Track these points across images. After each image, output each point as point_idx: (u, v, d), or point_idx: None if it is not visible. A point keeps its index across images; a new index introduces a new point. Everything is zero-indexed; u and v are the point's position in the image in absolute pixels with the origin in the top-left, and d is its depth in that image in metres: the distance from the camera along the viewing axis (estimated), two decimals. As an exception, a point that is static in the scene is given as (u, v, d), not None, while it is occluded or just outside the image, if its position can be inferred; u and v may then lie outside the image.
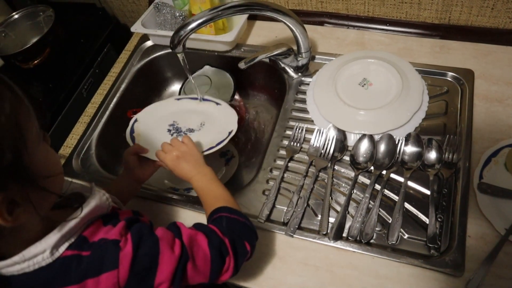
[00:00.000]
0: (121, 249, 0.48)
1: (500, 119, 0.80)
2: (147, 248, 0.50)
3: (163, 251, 0.50)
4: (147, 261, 0.49)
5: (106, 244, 0.48)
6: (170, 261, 0.50)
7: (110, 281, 0.46)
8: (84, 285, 0.46)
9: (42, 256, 0.45)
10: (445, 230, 0.69)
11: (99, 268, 0.46)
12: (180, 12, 1.07)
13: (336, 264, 0.69)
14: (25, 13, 1.25)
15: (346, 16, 1.04)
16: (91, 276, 0.46)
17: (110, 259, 0.47)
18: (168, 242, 0.52)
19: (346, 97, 0.85)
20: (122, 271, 0.47)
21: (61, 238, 0.46)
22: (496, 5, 0.88)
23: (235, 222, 0.60)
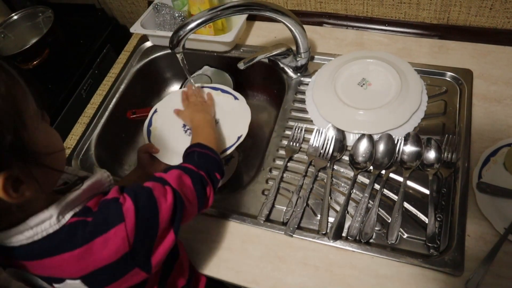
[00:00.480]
0: (123, 204, 0.49)
1: (498, 119, 0.80)
2: (145, 200, 0.51)
3: (159, 199, 0.52)
4: (148, 211, 0.51)
5: (107, 203, 0.50)
6: (166, 207, 0.53)
7: (120, 235, 0.47)
8: (93, 245, 0.46)
9: (49, 222, 0.46)
10: (444, 229, 0.69)
11: (105, 225, 0.47)
12: (179, 12, 1.07)
13: (335, 264, 0.69)
14: (25, 14, 1.25)
15: (345, 16, 1.04)
16: (99, 235, 0.47)
17: (115, 214, 0.48)
18: (160, 190, 0.54)
19: (345, 97, 0.85)
20: (129, 223, 0.48)
21: (65, 206, 0.47)
22: (494, 5, 0.88)
23: (205, 156, 0.67)
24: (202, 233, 0.76)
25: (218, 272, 0.71)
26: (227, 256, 0.73)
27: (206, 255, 0.73)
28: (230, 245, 0.74)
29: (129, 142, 1.08)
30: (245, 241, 0.74)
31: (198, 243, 0.75)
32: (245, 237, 0.74)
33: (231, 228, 0.76)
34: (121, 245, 0.47)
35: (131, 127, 1.08)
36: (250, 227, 0.75)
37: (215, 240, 0.75)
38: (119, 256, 0.47)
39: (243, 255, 0.72)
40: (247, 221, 0.75)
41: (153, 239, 0.51)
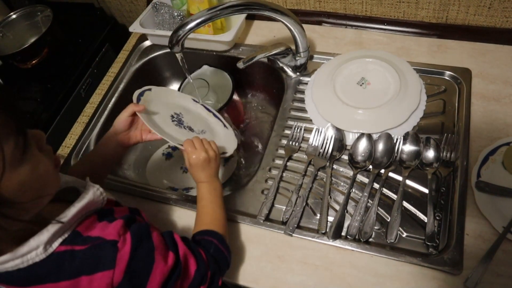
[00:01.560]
0: (119, 250, 0.48)
1: (497, 118, 0.80)
2: (144, 253, 0.50)
3: (158, 260, 0.51)
4: (142, 266, 0.49)
5: (104, 244, 0.48)
6: (162, 272, 0.51)
7: (104, 281, 0.46)
8: (78, 282, 0.46)
9: (36, 252, 0.44)
10: (443, 228, 0.69)
11: (94, 266, 0.46)
12: (178, 12, 1.07)
13: (335, 263, 0.69)
14: (23, 13, 1.25)
15: (344, 15, 1.04)
16: (85, 274, 0.46)
17: (107, 259, 0.47)
18: (161, 253, 0.52)
19: (344, 96, 0.85)
20: (117, 271, 0.47)
21: (54, 234, 0.45)
22: (493, 5, 0.89)
23: (221, 255, 0.62)
24: (201, 233, 0.76)
25: (218, 271, 0.71)
26: (227, 256, 0.73)
27: (206, 255, 0.73)
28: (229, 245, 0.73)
29: (129, 142, 1.08)
30: (244, 240, 0.74)
31: (198, 243, 0.75)
32: (244, 236, 0.74)
33: (231, 228, 0.76)
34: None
35: (130, 127, 1.08)
36: (250, 226, 0.75)
37: (215, 240, 0.75)
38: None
39: (243, 255, 0.72)
40: (247, 221, 0.75)
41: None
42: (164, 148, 1.05)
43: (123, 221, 0.51)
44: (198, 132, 0.84)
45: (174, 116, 0.85)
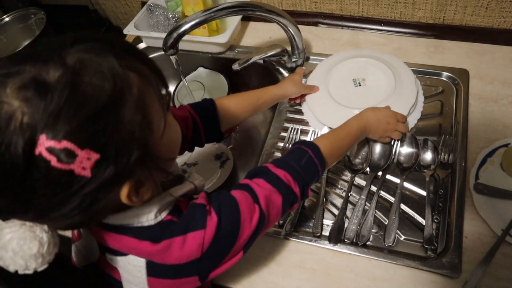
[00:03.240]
0: (208, 213, 0.49)
1: (495, 119, 0.80)
2: (229, 215, 0.50)
3: (244, 218, 0.51)
4: (229, 228, 0.50)
5: (195, 206, 0.50)
6: (249, 230, 0.51)
7: (196, 241, 0.47)
8: (172, 242, 0.47)
9: (147, 217, 0.47)
10: (441, 231, 0.69)
11: (187, 226, 0.48)
12: (173, 13, 1.06)
13: (332, 267, 0.68)
14: (16, 16, 1.23)
15: (340, 16, 1.03)
16: (180, 234, 0.47)
17: (199, 219, 0.48)
18: (249, 207, 0.52)
19: (338, 97, 0.84)
20: (208, 233, 0.48)
21: (164, 206, 0.48)
22: (490, 5, 0.88)
23: (311, 166, 0.60)
24: (197, 237, 0.75)
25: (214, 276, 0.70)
26: (223, 260, 0.72)
27: (202, 259, 0.72)
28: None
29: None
30: (241, 244, 0.73)
31: (193, 247, 0.74)
32: (241, 240, 0.73)
33: (227, 232, 0.75)
34: (194, 250, 0.47)
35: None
36: (246, 230, 0.74)
37: (211, 244, 0.74)
38: (189, 260, 0.47)
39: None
40: (243, 225, 0.75)
41: (225, 255, 0.50)
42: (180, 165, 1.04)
43: (205, 193, 0.53)
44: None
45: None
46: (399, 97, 0.81)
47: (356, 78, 0.87)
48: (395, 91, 0.81)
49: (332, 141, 0.65)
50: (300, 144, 0.62)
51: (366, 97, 0.83)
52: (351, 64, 0.89)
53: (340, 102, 0.83)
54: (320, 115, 0.84)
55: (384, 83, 0.84)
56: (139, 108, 0.39)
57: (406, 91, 0.82)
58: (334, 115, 0.83)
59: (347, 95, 0.85)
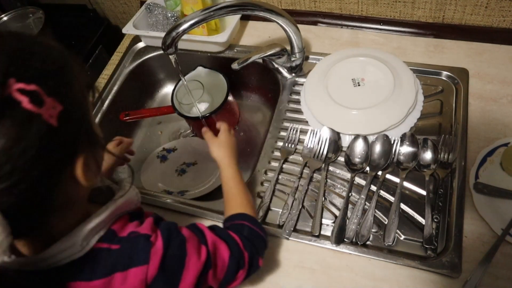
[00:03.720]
0: (152, 244, 0.47)
1: (495, 118, 0.79)
2: (176, 248, 0.49)
3: (190, 254, 0.49)
4: (175, 261, 0.48)
5: (138, 238, 0.47)
6: (196, 266, 0.49)
7: (138, 277, 0.45)
8: (112, 279, 0.45)
9: (72, 250, 0.44)
10: (441, 230, 0.68)
11: (128, 262, 0.46)
12: (172, 13, 1.06)
13: (332, 267, 0.68)
14: (15, 15, 1.23)
15: (340, 15, 1.03)
16: (119, 270, 0.45)
17: (141, 253, 0.46)
18: (194, 246, 0.51)
19: (337, 96, 0.84)
20: (151, 267, 0.46)
21: (90, 231, 0.45)
22: (489, 4, 0.88)
23: (255, 235, 0.60)
24: (197, 237, 0.75)
25: (213, 277, 0.70)
26: (222, 260, 0.72)
27: (201, 259, 0.72)
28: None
29: (123, 144, 1.06)
30: (240, 244, 0.73)
31: (193, 247, 0.74)
32: (240, 240, 0.73)
33: (226, 232, 0.75)
34: (137, 287, 0.45)
35: (124, 129, 1.07)
36: (246, 230, 0.74)
37: (210, 244, 0.74)
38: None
39: (239, 259, 0.71)
40: (243, 224, 0.74)
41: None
42: (159, 150, 1.04)
43: (152, 218, 0.51)
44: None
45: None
46: (398, 96, 0.81)
47: (355, 78, 0.86)
48: (394, 91, 0.81)
49: (245, 204, 0.65)
50: (231, 221, 0.62)
51: (365, 96, 0.83)
52: (350, 63, 0.89)
53: (339, 101, 0.83)
54: (319, 114, 0.84)
55: (383, 82, 0.84)
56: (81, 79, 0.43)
57: (405, 91, 0.82)
58: (333, 115, 0.83)
59: (346, 94, 0.84)
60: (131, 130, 1.09)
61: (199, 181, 0.96)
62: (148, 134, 1.11)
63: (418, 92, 0.84)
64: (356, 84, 0.86)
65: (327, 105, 0.84)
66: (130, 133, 1.08)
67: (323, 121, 0.83)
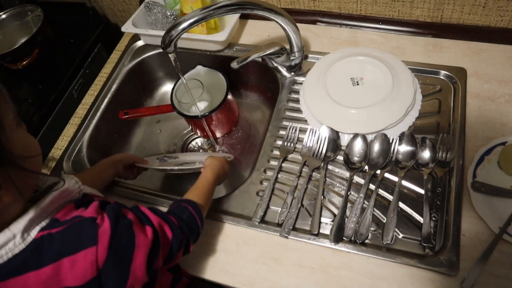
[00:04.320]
0: (99, 226, 0.46)
1: (493, 117, 0.80)
2: (124, 228, 0.49)
3: (138, 234, 0.50)
4: (124, 241, 0.48)
5: (83, 221, 0.47)
6: (145, 244, 0.50)
7: (88, 259, 0.45)
8: (60, 265, 0.44)
9: (14, 242, 0.43)
10: (439, 229, 0.69)
11: (75, 245, 0.45)
12: (171, 11, 1.06)
13: (331, 265, 0.68)
14: (13, 13, 1.22)
15: (339, 14, 1.03)
16: (66, 255, 0.44)
17: (88, 235, 0.45)
18: (140, 227, 0.52)
19: (336, 95, 0.84)
20: (101, 248, 0.45)
21: (30, 222, 0.45)
22: (487, 4, 0.88)
23: (193, 221, 0.63)
24: (196, 235, 0.75)
25: (213, 275, 0.71)
26: (222, 258, 0.72)
27: (201, 258, 0.73)
28: (225, 247, 0.73)
29: (122, 143, 1.06)
30: (240, 243, 0.73)
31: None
32: (240, 239, 0.74)
33: (226, 230, 0.75)
34: (88, 269, 0.45)
35: (123, 128, 1.07)
36: (245, 228, 0.74)
37: (210, 242, 0.74)
38: (86, 280, 0.45)
39: (238, 257, 0.72)
40: (242, 223, 0.75)
41: (126, 271, 0.48)
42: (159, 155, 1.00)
43: (97, 202, 0.51)
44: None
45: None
46: (397, 95, 0.81)
47: (354, 77, 0.87)
48: (393, 90, 0.81)
49: (201, 197, 0.68)
50: (179, 202, 0.65)
51: (364, 96, 0.83)
52: (349, 62, 0.89)
53: (338, 100, 0.83)
54: (318, 113, 0.84)
55: (382, 81, 0.84)
56: None
57: (404, 90, 0.82)
58: (332, 114, 0.83)
59: (345, 93, 0.85)
60: (130, 128, 1.09)
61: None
62: (147, 133, 1.11)
63: (417, 91, 0.84)
64: (355, 83, 0.86)
65: (326, 104, 0.84)
66: (129, 131, 1.08)
67: (322, 120, 0.84)
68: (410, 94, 0.82)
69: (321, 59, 0.93)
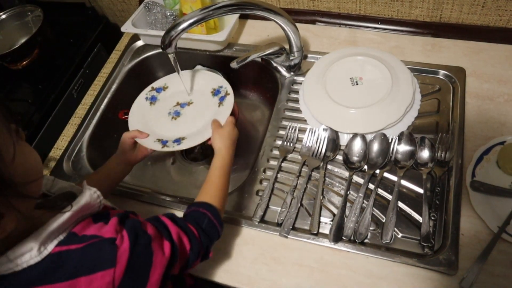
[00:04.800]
0: (118, 247, 0.47)
1: (491, 117, 0.80)
2: (142, 247, 0.49)
3: (156, 252, 0.50)
4: (142, 261, 0.49)
5: (102, 242, 0.47)
6: (162, 263, 0.50)
7: (105, 280, 0.45)
8: (76, 283, 0.44)
9: (30, 254, 0.44)
10: (438, 228, 0.69)
11: (93, 266, 0.45)
12: (171, 11, 1.06)
13: (330, 265, 0.68)
14: (13, 13, 1.22)
15: (338, 14, 1.04)
16: (84, 274, 0.45)
17: (107, 257, 0.46)
18: (159, 243, 0.52)
19: (336, 95, 0.85)
20: (118, 269, 0.46)
21: (49, 235, 0.45)
22: (486, 3, 0.89)
23: (213, 228, 0.63)
24: (196, 235, 0.75)
25: (213, 274, 0.71)
26: (221, 258, 0.72)
27: (201, 257, 0.73)
28: (224, 247, 0.73)
29: (122, 143, 1.06)
30: (239, 242, 0.73)
31: (192, 245, 0.74)
32: (239, 238, 0.74)
33: (226, 230, 0.75)
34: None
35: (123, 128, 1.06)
36: (245, 228, 0.75)
37: (210, 242, 0.74)
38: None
39: (238, 257, 0.72)
40: (242, 223, 0.75)
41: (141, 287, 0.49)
42: (147, 91, 0.92)
43: (117, 218, 0.50)
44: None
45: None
46: (396, 95, 0.81)
47: (353, 77, 0.87)
48: (392, 90, 0.82)
49: (218, 195, 0.67)
50: (196, 207, 0.64)
51: (363, 95, 0.84)
52: (348, 62, 0.89)
53: (337, 100, 0.84)
54: (317, 113, 0.85)
55: (381, 81, 0.84)
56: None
57: (403, 89, 0.82)
58: (331, 114, 0.83)
59: (344, 93, 0.85)
60: (130, 128, 1.09)
61: (198, 125, 0.82)
62: (147, 133, 1.10)
63: (416, 91, 0.85)
64: (354, 83, 0.86)
65: (326, 104, 0.84)
66: (129, 131, 1.08)
67: (321, 119, 0.84)
68: (409, 94, 0.82)
69: (321, 59, 0.94)
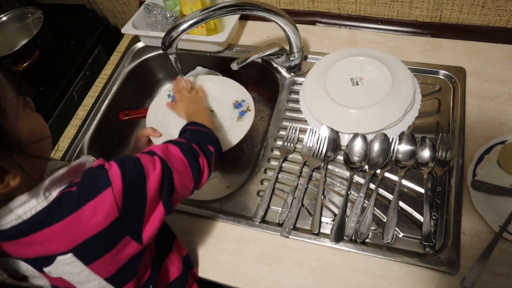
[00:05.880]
0: (109, 170, 0.48)
1: (492, 116, 0.80)
2: (132, 166, 0.50)
3: (146, 165, 0.51)
4: (135, 177, 0.50)
5: (93, 171, 0.49)
6: (155, 175, 0.51)
7: (108, 200, 0.46)
8: (80, 213, 0.46)
9: (37, 200, 0.45)
10: (439, 228, 0.69)
11: (92, 191, 0.47)
12: (171, 13, 1.06)
13: (332, 265, 0.68)
14: (14, 15, 1.23)
15: (338, 15, 1.04)
16: (87, 201, 0.46)
17: (101, 180, 0.47)
18: (147, 159, 0.53)
19: (336, 96, 0.85)
20: (116, 187, 0.47)
21: (51, 184, 0.47)
22: (486, 3, 0.89)
23: (197, 131, 0.68)
24: (197, 235, 0.75)
25: (214, 275, 0.71)
26: (223, 258, 0.72)
27: (202, 257, 0.73)
28: (225, 247, 0.73)
29: (122, 144, 1.07)
30: (240, 242, 0.73)
31: (193, 245, 0.74)
32: (240, 238, 0.74)
33: (227, 230, 0.75)
34: (110, 210, 0.46)
35: (124, 129, 1.07)
36: (246, 228, 0.75)
37: (211, 242, 0.74)
38: (109, 222, 0.47)
39: (239, 257, 0.72)
40: (243, 223, 0.75)
41: (143, 207, 0.50)
42: (170, 88, 0.96)
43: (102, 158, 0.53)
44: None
45: None
46: (396, 95, 0.81)
47: (353, 77, 0.87)
48: (392, 90, 0.82)
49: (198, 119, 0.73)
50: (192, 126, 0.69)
51: (364, 96, 0.84)
52: (348, 63, 0.89)
53: (337, 101, 0.84)
54: (318, 113, 0.85)
55: (381, 81, 0.84)
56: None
57: (403, 90, 0.82)
58: (332, 114, 0.83)
59: (344, 94, 0.85)
60: (131, 130, 1.10)
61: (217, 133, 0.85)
62: (148, 134, 1.11)
63: (416, 91, 0.85)
64: (355, 83, 0.86)
65: (326, 104, 0.84)
66: (129, 133, 1.09)
67: (322, 120, 0.84)
68: (410, 94, 0.82)
69: (321, 59, 0.94)
